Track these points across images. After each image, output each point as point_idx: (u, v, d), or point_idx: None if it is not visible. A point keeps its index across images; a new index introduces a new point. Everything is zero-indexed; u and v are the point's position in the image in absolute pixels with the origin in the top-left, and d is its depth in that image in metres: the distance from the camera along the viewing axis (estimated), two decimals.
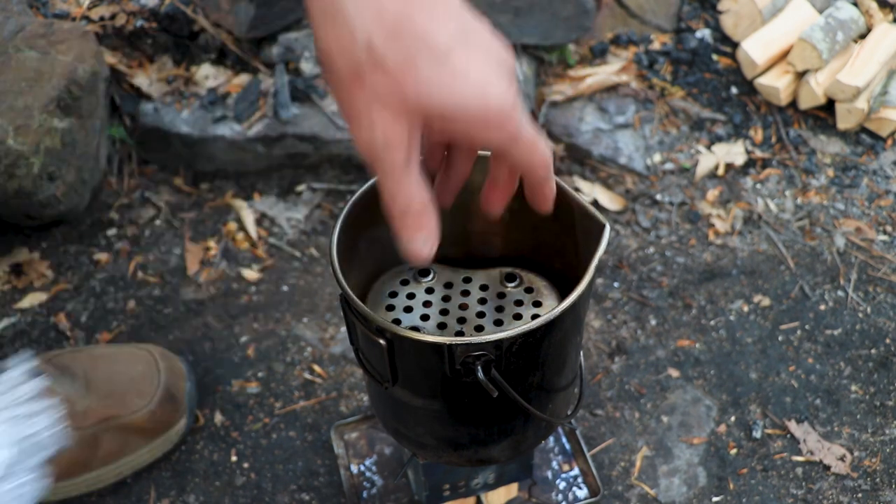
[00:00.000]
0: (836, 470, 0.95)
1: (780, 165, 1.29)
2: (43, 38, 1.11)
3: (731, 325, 1.09)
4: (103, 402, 0.89)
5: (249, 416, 0.99)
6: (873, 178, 1.28)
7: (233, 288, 1.12)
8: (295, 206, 1.22)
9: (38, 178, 1.03)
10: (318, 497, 0.93)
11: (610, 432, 0.98)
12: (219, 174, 1.25)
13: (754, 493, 0.93)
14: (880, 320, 1.10)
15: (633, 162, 1.27)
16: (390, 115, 0.46)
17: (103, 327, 1.07)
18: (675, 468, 0.95)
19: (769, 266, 1.16)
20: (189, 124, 1.21)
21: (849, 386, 1.03)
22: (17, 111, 1.02)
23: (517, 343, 0.54)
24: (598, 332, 1.08)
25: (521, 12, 1.28)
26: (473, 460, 0.69)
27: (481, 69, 0.46)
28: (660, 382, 1.03)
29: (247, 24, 1.21)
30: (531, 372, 0.59)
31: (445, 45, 0.45)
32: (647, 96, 1.35)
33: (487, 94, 0.46)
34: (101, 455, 0.89)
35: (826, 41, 1.29)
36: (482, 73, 0.46)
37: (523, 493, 0.92)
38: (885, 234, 1.20)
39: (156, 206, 1.21)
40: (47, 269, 1.13)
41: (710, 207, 1.23)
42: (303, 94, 1.23)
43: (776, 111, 1.35)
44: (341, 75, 0.46)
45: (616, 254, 1.18)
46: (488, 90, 0.46)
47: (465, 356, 0.54)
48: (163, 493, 0.93)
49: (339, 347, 1.06)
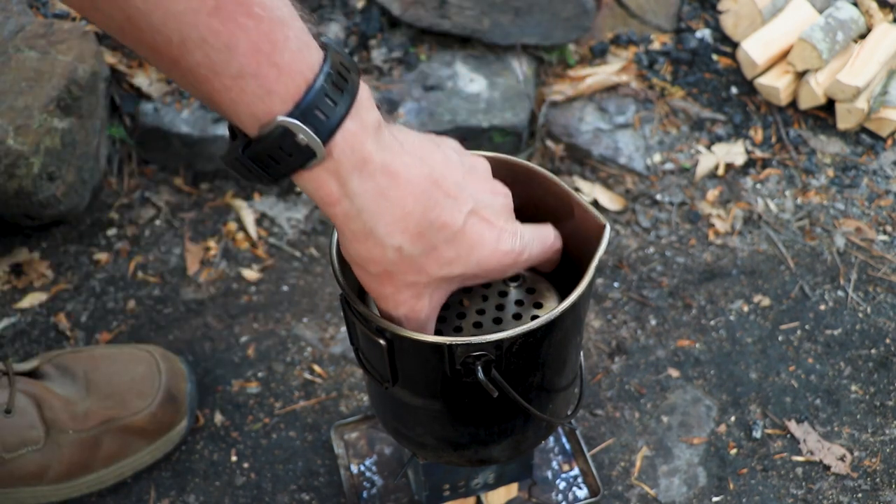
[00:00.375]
0: (836, 470, 0.95)
1: (780, 165, 1.29)
2: (43, 38, 1.11)
3: (731, 325, 1.09)
4: (104, 403, 0.89)
5: (249, 416, 0.99)
6: (873, 178, 1.28)
7: (233, 288, 1.12)
8: (295, 206, 1.22)
9: (38, 178, 1.03)
10: (318, 497, 0.93)
11: (610, 432, 0.98)
12: (219, 174, 1.25)
13: (754, 493, 0.93)
14: (880, 320, 1.10)
15: (633, 162, 1.27)
16: (414, 293, 0.53)
17: (103, 327, 1.07)
18: (675, 468, 0.95)
19: (769, 266, 1.16)
20: (189, 124, 1.21)
21: (849, 386, 1.03)
22: (17, 111, 1.02)
23: (517, 343, 0.54)
24: (598, 332, 1.08)
25: (521, 12, 1.28)
26: (473, 460, 0.69)
27: (492, 229, 0.53)
28: (660, 382, 1.03)
29: None
30: (531, 372, 0.59)
31: (460, 224, 0.51)
32: (647, 96, 1.35)
33: (499, 250, 0.54)
34: (102, 457, 0.89)
35: (826, 41, 1.29)
36: (493, 233, 0.53)
37: (523, 493, 0.92)
38: (885, 234, 1.21)
39: (156, 206, 1.21)
40: (47, 269, 1.13)
41: (710, 207, 1.23)
42: None
43: (776, 111, 1.35)
44: (373, 275, 0.53)
45: (616, 254, 1.18)
46: (500, 246, 0.54)
47: (465, 356, 0.54)
48: (163, 494, 0.93)
49: (339, 347, 1.06)
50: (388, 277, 0.52)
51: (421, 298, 0.54)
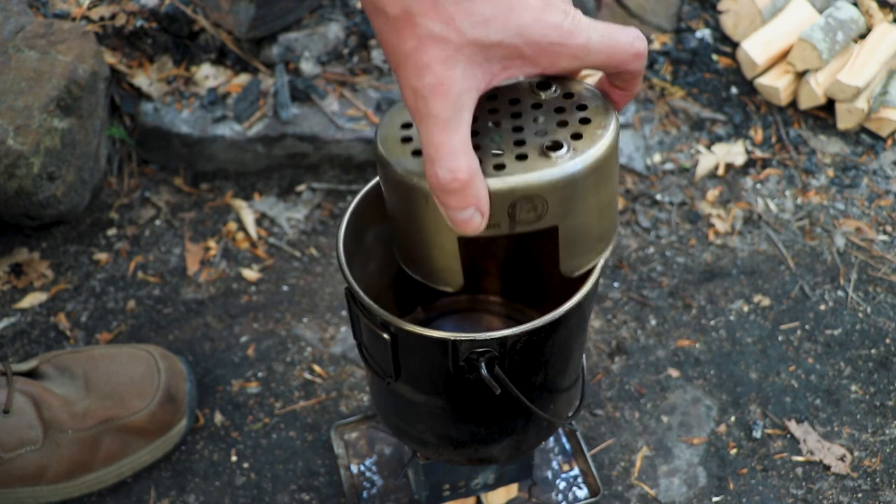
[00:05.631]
0: (836, 470, 0.95)
1: (780, 165, 1.29)
2: (43, 38, 1.11)
3: (731, 325, 1.09)
4: (103, 403, 0.89)
5: (249, 416, 0.99)
6: (873, 178, 1.28)
7: (233, 288, 1.12)
8: (295, 206, 1.22)
9: (38, 178, 1.03)
10: (318, 497, 0.93)
11: (610, 432, 0.98)
12: (219, 174, 1.25)
13: (754, 493, 0.93)
14: (880, 320, 1.10)
15: (633, 162, 1.27)
16: (443, 56, 0.43)
17: (103, 327, 1.07)
18: (675, 468, 0.95)
19: (769, 266, 1.16)
20: (189, 124, 1.21)
21: (849, 386, 1.03)
22: (17, 111, 1.02)
23: (522, 341, 0.54)
24: (598, 332, 1.08)
25: None
26: (474, 459, 0.69)
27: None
28: (660, 382, 1.03)
29: (247, 24, 1.21)
30: (535, 371, 0.59)
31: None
32: (647, 96, 1.35)
33: (545, 20, 0.44)
34: (102, 456, 0.89)
35: (826, 41, 1.29)
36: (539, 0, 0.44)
37: (523, 493, 0.92)
38: (885, 234, 1.21)
39: (156, 206, 1.21)
40: (47, 269, 1.13)
41: (710, 207, 1.23)
42: (303, 94, 1.23)
43: (776, 111, 1.35)
44: (390, 18, 0.43)
45: (616, 254, 1.18)
46: (546, 16, 0.44)
47: (469, 352, 0.54)
48: (163, 493, 0.93)
49: (339, 347, 1.06)
50: (409, 23, 0.42)
51: (452, 67, 0.43)
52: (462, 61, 0.43)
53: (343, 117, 1.23)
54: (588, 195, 0.51)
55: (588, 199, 0.51)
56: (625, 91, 0.51)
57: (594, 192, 0.51)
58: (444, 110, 0.44)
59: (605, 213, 0.54)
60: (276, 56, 1.25)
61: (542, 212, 0.49)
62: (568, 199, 0.49)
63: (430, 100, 0.43)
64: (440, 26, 0.42)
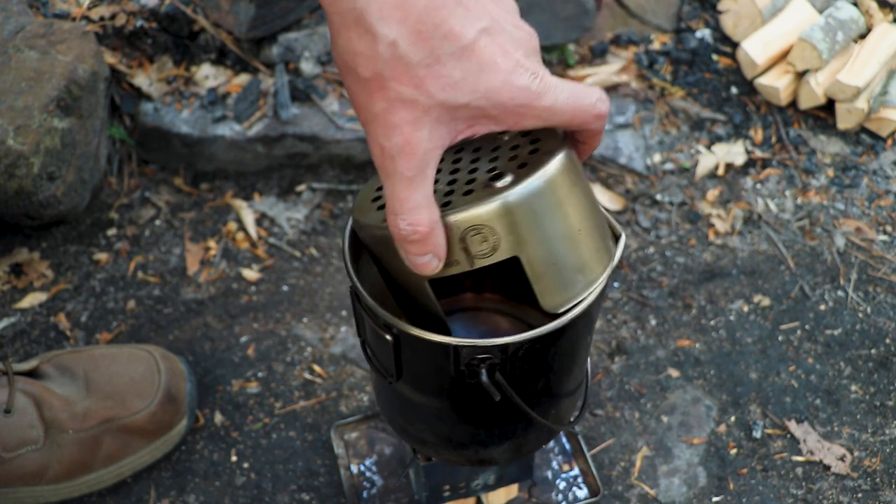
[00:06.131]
0: (836, 470, 0.95)
1: (780, 165, 1.29)
2: (43, 38, 1.11)
3: (731, 325, 1.09)
4: (104, 403, 0.89)
5: (249, 416, 0.99)
6: (873, 178, 1.28)
7: (233, 288, 1.12)
8: (295, 206, 1.22)
9: (38, 178, 1.03)
10: (318, 497, 0.93)
11: (610, 432, 0.98)
12: (219, 174, 1.25)
13: (754, 493, 0.93)
14: (880, 320, 1.10)
15: (633, 162, 1.27)
16: (411, 117, 0.44)
17: (103, 327, 1.07)
18: (675, 468, 0.95)
19: (769, 266, 1.16)
20: (189, 124, 1.21)
21: (849, 386, 1.03)
22: (17, 111, 1.02)
23: (524, 348, 0.54)
24: (598, 332, 1.08)
25: (521, 12, 1.28)
26: (473, 460, 0.69)
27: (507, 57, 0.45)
28: (660, 382, 1.03)
29: (247, 24, 1.21)
30: (537, 377, 0.58)
31: (471, 39, 0.44)
32: (647, 96, 1.35)
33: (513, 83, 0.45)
34: (102, 457, 0.89)
35: (826, 41, 1.29)
36: (508, 62, 0.45)
37: (523, 493, 0.92)
38: (885, 234, 1.21)
39: (156, 206, 1.21)
40: (47, 269, 1.13)
41: (710, 207, 1.23)
42: (303, 94, 1.23)
43: (776, 111, 1.35)
44: (361, 79, 0.44)
45: None
46: (514, 79, 0.45)
47: (470, 358, 0.54)
48: (163, 493, 0.93)
49: (339, 347, 1.06)
50: (379, 85, 0.44)
51: (419, 128, 0.45)
52: (429, 122, 0.45)
53: (343, 117, 1.23)
54: (544, 222, 0.50)
55: (546, 227, 0.50)
56: (586, 145, 0.52)
57: (551, 220, 0.50)
58: (410, 169, 0.46)
59: (578, 241, 0.52)
60: (276, 56, 1.25)
61: (495, 242, 0.49)
62: (516, 227, 0.49)
63: (397, 159, 0.45)
64: (410, 90, 0.44)
